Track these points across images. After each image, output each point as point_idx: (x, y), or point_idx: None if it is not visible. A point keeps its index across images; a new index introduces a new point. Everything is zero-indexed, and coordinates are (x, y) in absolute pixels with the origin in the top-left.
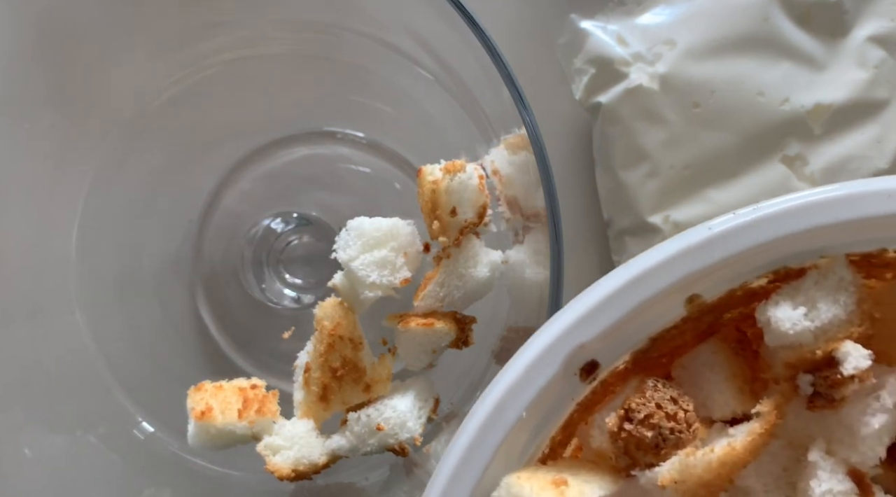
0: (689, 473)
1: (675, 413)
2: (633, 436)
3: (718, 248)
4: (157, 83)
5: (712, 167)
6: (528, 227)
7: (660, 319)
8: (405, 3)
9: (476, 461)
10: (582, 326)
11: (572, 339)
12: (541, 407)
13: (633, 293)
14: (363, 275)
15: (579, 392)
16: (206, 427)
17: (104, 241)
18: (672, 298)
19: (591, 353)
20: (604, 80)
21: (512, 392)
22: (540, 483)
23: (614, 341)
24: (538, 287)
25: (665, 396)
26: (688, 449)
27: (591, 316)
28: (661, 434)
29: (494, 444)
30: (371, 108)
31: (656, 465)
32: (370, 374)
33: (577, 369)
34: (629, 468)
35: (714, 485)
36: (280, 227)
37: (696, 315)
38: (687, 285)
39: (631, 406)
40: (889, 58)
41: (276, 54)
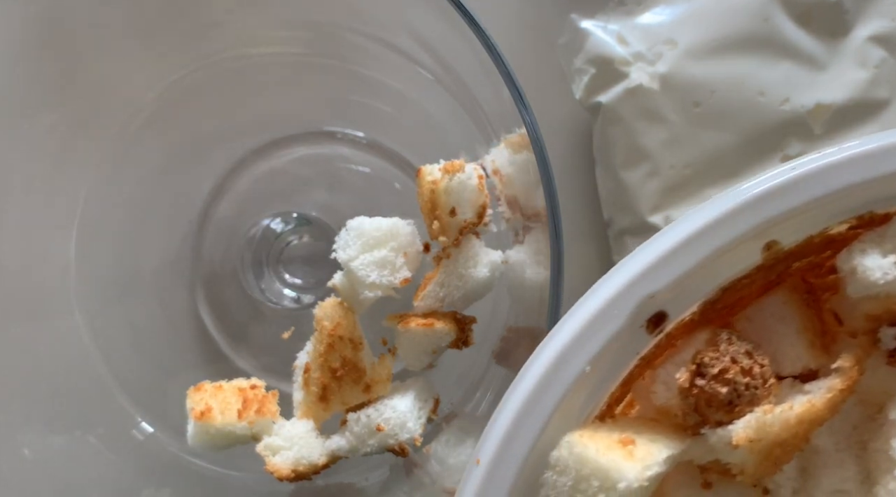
0: (765, 432)
1: (751, 368)
2: (705, 392)
3: (804, 189)
4: (156, 83)
5: (713, 167)
6: (528, 227)
7: (734, 268)
8: (405, 2)
9: (535, 418)
10: (653, 274)
11: (642, 288)
12: (604, 361)
13: (710, 238)
14: (363, 275)
15: (644, 345)
16: (205, 427)
17: (104, 242)
18: (749, 245)
19: (660, 303)
20: (604, 79)
21: (575, 343)
22: (605, 442)
23: (685, 291)
24: (538, 287)
25: (740, 350)
26: (765, 406)
27: (663, 263)
28: (737, 390)
29: (554, 400)
30: (371, 108)
31: (726, 423)
32: (370, 374)
33: (644, 321)
34: (698, 426)
35: (790, 444)
36: (280, 227)
37: (770, 263)
38: (766, 230)
39: (704, 360)
40: (889, 58)
41: (276, 54)
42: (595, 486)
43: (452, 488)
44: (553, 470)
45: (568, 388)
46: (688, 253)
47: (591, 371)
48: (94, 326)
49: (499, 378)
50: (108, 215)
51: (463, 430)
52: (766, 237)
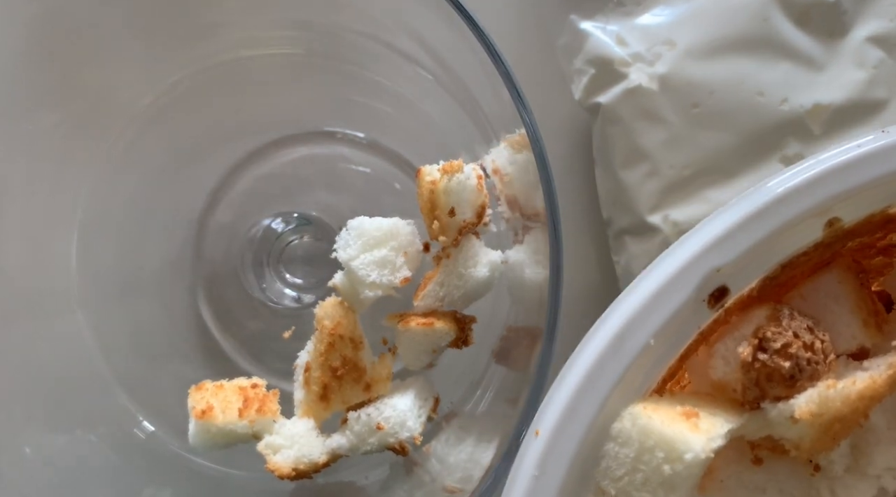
0: (827, 406)
1: (812, 343)
2: (767, 366)
3: (868, 167)
4: (157, 84)
5: (712, 167)
6: (527, 227)
7: (795, 244)
8: (405, 3)
9: (597, 390)
10: (719, 248)
11: (709, 260)
12: (667, 334)
13: (775, 214)
14: (363, 274)
15: (704, 320)
16: (206, 426)
17: (105, 241)
18: (812, 221)
19: (724, 277)
20: (603, 80)
21: (640, 315)
22: (668, 414)
23: (748, 266)
24: (538, 287)
25: (802, 326)
26: (828, 381)
27: (729, 237)
28: (799, 365)
29: (619, 371)
30: (371, 109)
31: (786, 398)
32: (370, 373)
33: (706, 295)
34: (757, 401)
35: (849, 420)
36: (280, 227)
37: (829, 241)
38: (830, 207)
39: (767, 335)
40: (888, 58)
41: (277, 55)
42: (660, 458)
43: (452, 487)
44: (615, 441)
45: (632, 361)
46: (755, 227)
47: (654, 344)
48: (96, 326)
49: (499, 377)
50: (109, 215)
51: (463, 428)
52: (829, 214)
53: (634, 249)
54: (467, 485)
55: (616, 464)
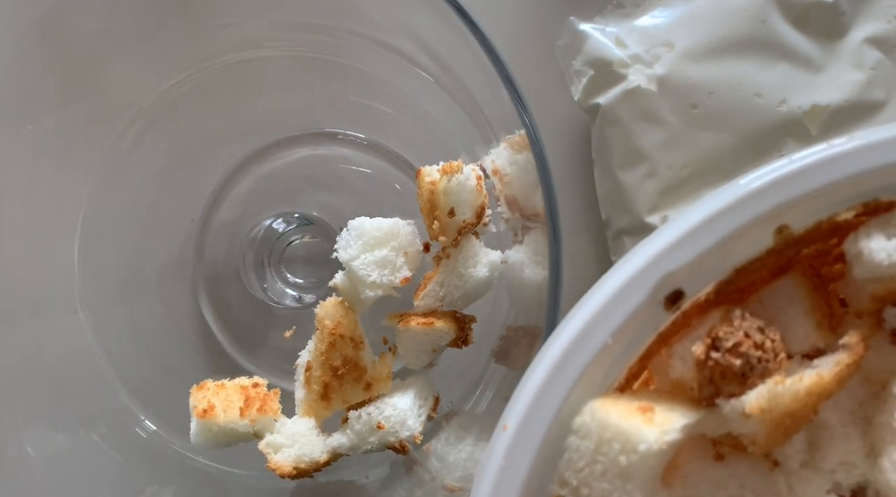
0: (776, 402)
1: (763, 342)
2: (719, 364)
3: (814, 176)
4: (159, 85)
5: (710, 168)
6: (527, 227)
7: (746, 250)
8: (405, 5)
9: (559, 386)
10: (672, 253)
11: (662, 265)
12: (626, 334)
13: (726, 221)
14: (364, 274)
15: (661, 322)
16: (208, 425)
17: (107, 241)
18: (761, 228)
19: (678, 281)
20: (602, 81)
21: (599, 316)
22: (625, 409)
23: (701, 271)
24: (537, 286)
25: (752, 326)
26: (776, 377)
27: (681, 243)
28: (749, 363)
29: (579, 368)
30: (371, 110)
31: (739, 394)
32: (371, 372)
33: (662, 298)
34: (712, 398)
35: (799, 415)
36: (281, 228)
37: (780, 247)
38: (778, 214)
39: (718, 334)
40: (886, 59)
41: (278, 56)
42: (616, 449)
43: (452, 485)
44: (576, 434)
45: (591, 359)
46: (705, 234)
47: (612, 344)
48: (98, 325)
49: (498, 376)
50: (111, 215)
51: (463, 427)
52: (777, 221)
53: None
54: (467, 483)
55: (577, 455)
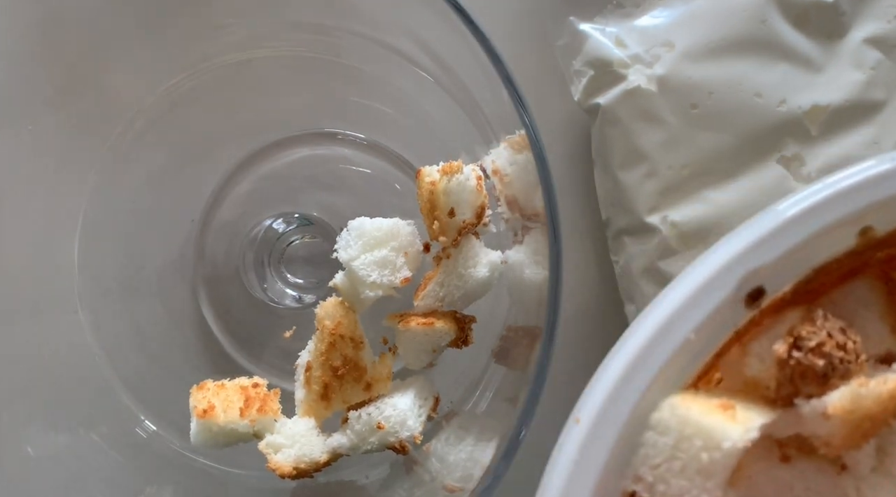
0: (859, 404)
1: (845, 343)
2: (801, 364)
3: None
4: (159, 85)
5: (710, 168)
6: (527, 228)
7: (828, 250)
8: (405, 5)
9: (638, 380)
10: (760, 249)
11: (749, 261)
12: (706, 330)
13: (815, 219)
14: (364, 274)
15: (740, 319)
16: (208, 425)
17: (107, 241)
18: (846, 229)
19: (761, 278)
20: (602, 81)
21: (683, 310)
22: (706, 406)
23: (784, 269)
24: (537, 287)
25: (835, 327)
26: (860, 379)
27: (769, 239)
28: (832, 363)
29: (660, 363)
30: (371, 110)
31: (817, 395)
32: (371, 372)
33: (744, 295)
34: (790, 397)
35: (879, 418)
36: (281, 228)
37: (860, 249)
38: (865, 215)
39: (801, 334)
40: (885, 59)
41: (278, 57)
42: (698, 446)
43: (452, 486)
44: (654, 430)
45: (672, 354)
46: (792, 232)
47: (694, 339)
48: (98, 325)
49: (498, 376)
50: (111, 215)
51: (463, 428)
52: (863, 222)
53: (633, 250)
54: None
55: (654, 452)
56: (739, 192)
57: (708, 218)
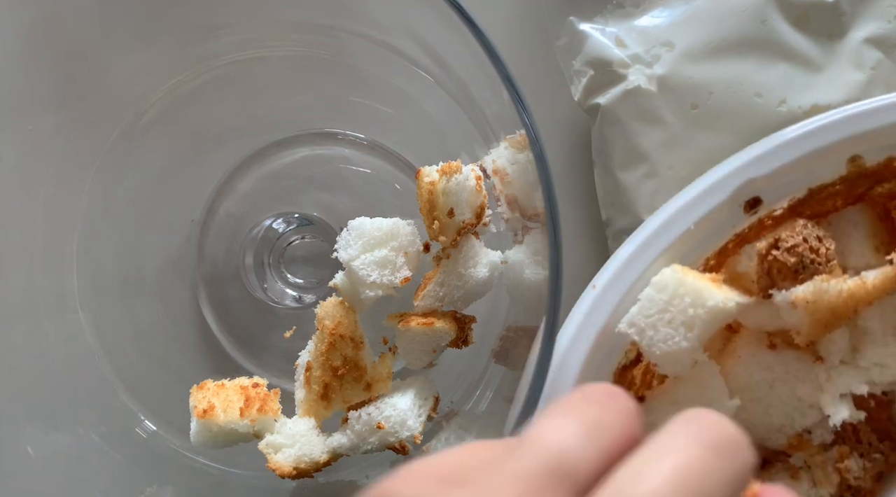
0: (820, 297)
1: (818, 248)
2: (777, 260)
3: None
4: (160, 85)
5: (710, 168)
6: (527, 228)
7: (821, 173)
8: (405, 5)
9: (646, 255)
10: (757, 163)
11: (745, 172)
12: (707, 225)
13: (806, 142)
14: (364, 274)
15: (739, 223)
16: (208, 425)
17: (107, 241)
18: (837, 155)
19: (757, 188)
20: (602, 81)
21: (688, 206)
22: (699, 276)
23: (779, 183)
24: (537, 287)
25: (812, 234)
26: (823, 276)
27: (766, 155)
28: (802, 262)
29: (665, 244)
30: (372, 110)
31: (788, 289)
32: (371, 372)
33: (742, 201)
34: (767, 288)
35: (840, 312)
36: (281, 228)
37: (853, 177)
38: (852, 145)
39: (781, 236)
40: (885, 59)
41: (278, 56)
42: (687, 303)
43: None
44: (653, 287)
45: (677, 237)
46: (786, 151)
47: (694, 229)
48: (98, 325)
49: (498, 376)
50: (111, 215)
51: (463, 427)
52: (852, 150)
53: None
54: None
55: (650, 304)
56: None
57: None
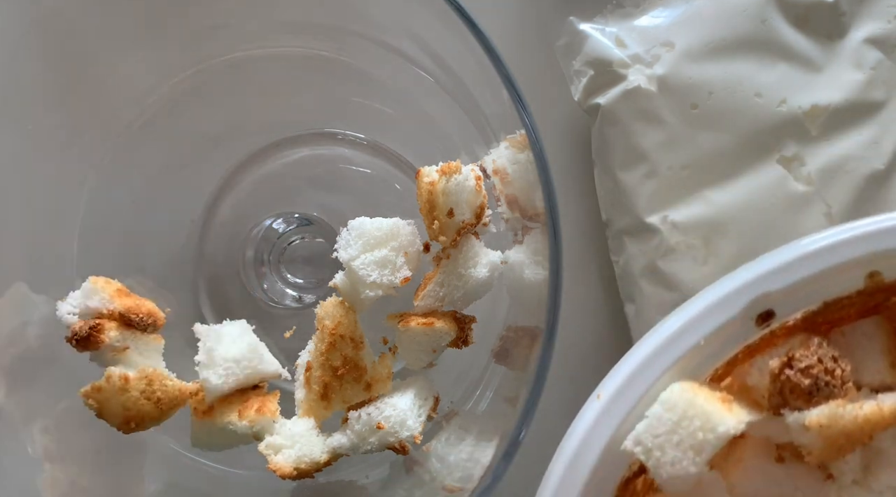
0: (835, 421)
1: (834, 369)
2: (791, 380)
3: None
4: (159, 84)
5: (710, 168)
6: (527, 228)
7: (838, 287)
8: (406, 5)
9: (653, 369)
10: (771, 277)
11: (760, 286)
12: (716, 339)
13: (825, 258)
14: (364, 274)
15: (750, 335)
16: (207, 426)
17: (106, 241)
18: (855, 271)
19: (772, 302)
20: (602, 81)
21: (698, 319)
22: (710, 395)
23: (794, 297)
24: (537, 287)
25: (827, 354)
26: (839, 401)
27: (781, 269)
28: (817, 384)
29: (672, 358)
30: (372, 110)
31: (801, 409)
32: (371, 373)
33: (755, 314)
34: (778, 407)
35: (854, 437)
36: (281, 228)
37: (870, 291)
38: (871, 262)
39: (795, 355)
40: (885, 59)
41: (278, 56)
42: (696, 425)
43: (452, 486)
44: (662, 405)
45: (685, 352)
46: (804, 266)
47: (704, 345)
48: None
49: (498, 376)
50: (111, 215)
51: (463, 428)
52: (871, 267)
53: (633, 250)
54: (467, 484)
55: (658, 423)
56: (739, 192)
57: (708, 218)
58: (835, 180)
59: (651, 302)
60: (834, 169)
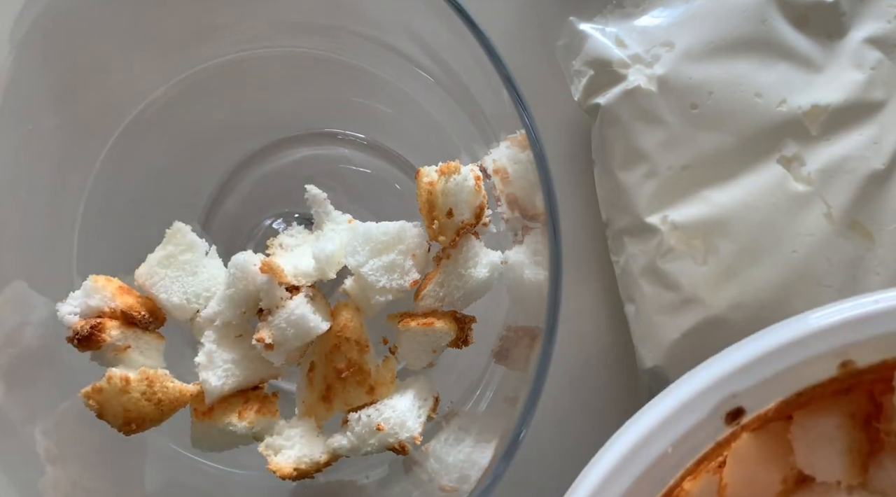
0: None
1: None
2: None
3: (882, 322)
4: (158, 84)
5: (710, 168)
6: (527, 228)
7: (810, 378)
8: (405, 5)
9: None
10: (738, 376)
11: (727, 387)
12: (685, 444)
13: (794, 353)
14: (373, 280)
15: (721, 433)
16: (207, 427)
17: (107, 241)
18: (828, 361)
19: (740, 400)
20: (602, 81)
21: (660, 427)
22: None
23: (764, 392)
24: (537, 287)
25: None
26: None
27: (748, 368)
28: None
29: (641, 467)
30: (372, 110)
31: None
32: (374, 376)
33: (723, 414)
34: None
35: None
36: (281, 228)
37: (843, 378)
38: (844, 352)
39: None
40: (886, 59)
41: (278, 56)
42: None
43: (449, 487)
44: None
45: (649, 465)
46: (771, 362)
47: (671, 452)
48: None
49: (498, 377)
50: (111, 215)
51: (462, 428)
52: (844, 356)
53: (633, 250)
54: (463, 485)
55: None
56: (739, 192)
57: (708, 218)
58: (835, 180)
59: (651, 302)
60: (834, 169)
